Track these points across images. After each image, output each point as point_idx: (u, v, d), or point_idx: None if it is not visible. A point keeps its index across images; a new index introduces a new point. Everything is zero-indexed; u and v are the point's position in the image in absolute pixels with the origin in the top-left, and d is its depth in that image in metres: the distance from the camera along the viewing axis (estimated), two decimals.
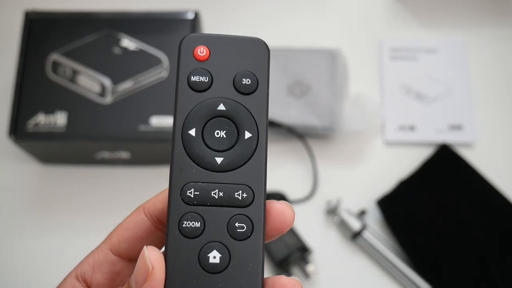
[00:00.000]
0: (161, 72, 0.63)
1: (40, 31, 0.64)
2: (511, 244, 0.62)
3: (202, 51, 0.29)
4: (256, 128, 0.28)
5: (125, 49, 0.63)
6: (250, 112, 0.28)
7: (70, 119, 0.61)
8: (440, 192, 0.65)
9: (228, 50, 0.29)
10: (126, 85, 0.62)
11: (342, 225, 0.64)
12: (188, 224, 0.27)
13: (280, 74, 0.69)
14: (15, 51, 0.68)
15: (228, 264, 0.27)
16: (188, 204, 0.27)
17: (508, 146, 0.70)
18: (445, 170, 0.66)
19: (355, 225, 0.63)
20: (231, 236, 0.27)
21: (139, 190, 0.67)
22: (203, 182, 0.27)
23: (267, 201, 0.28)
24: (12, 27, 0.72)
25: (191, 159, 0.28)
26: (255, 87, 0.29)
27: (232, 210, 0.27)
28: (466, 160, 0.66)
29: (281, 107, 0.68)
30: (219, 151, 0.28)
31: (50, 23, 0.65)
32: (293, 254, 0.61)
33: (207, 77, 0.28)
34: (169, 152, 0.28)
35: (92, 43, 0.64)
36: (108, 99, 0.62)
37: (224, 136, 0.28)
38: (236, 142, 0.28)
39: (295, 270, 0.62)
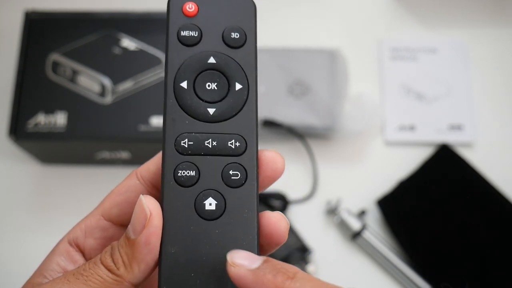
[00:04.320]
0: (161, 72, 0.63)
1: (40, 31, 0.64)
2: (511, 244, 0.62)
3: (190, 7, 0.29)
4: (246, 80, 0.29)
5: (125, 49, 0.63)
6: (240, 65, 0.29)
7: (70, 119, 0.61)
8: (440, 192, 0.65)
9: (216, 6, 0.30)
10: (126, 85, 0.62)
11: (342, 225, 0.64)
12: (183, 173, 0.27)
13: (280, 74, 0.69)
14: (15, 51, 0.68)
15: (224, 211, 0.27)
16: (183, 154, 0.27)
17: (508, 146, 0.70)
18: (445, 170, 0.66)
19: (355, 225, 0.63)
20: (225, 183, 0.27)
21: None
22: (196, 133, 0.28)
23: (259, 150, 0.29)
24: (12, 27, 0.72)
25: (183, 110, 0.28)
26: (243, 41, 0.29)
27: (226, 158, 0.28)
28: (466, 160, 0.66)
29: (281, 107, 0.68)
30: (211, 103, 0.28)
31: (50, 23, 0.65)
32: (293, 254, 0.61)
33: (197, 32, 0.29)
34: None
35: (92, 43, 0.64)
36: (108, 99, 0.62)
37: (215, 88, 0.29)
38: (227, 94, 0.29)
39: None
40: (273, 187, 0.66)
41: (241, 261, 0.25)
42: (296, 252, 0.61)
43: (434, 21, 0.77)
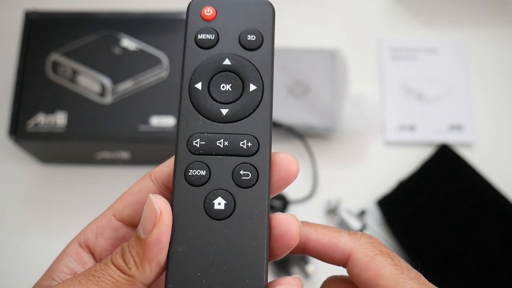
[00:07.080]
0: (161, 72, 0.63)
1: (40, 31, 0.64)
2: (511, 244, 0.62)
3: (208, 11, 0.30)
4: (261, 81, 0.29)
5: (125, 49, 0.63)
6: (255, 66, 0.29)
7: (70, 119, 0.61)
8: (440, 192, 0.65)
9: (234, 10, 0.30)
10: (126, 85, 0.62)
11: (342, 225, 0.64)
12: (194, 172, 0.27)
13: (280, 74, 0.69)
14: (15, 51, 0.68)
15: (233, 211, 0.27)
16: (194, 154, 0.28)
17: (508, 146, 0.70)
18: (445, 170, 0.66)
19: (355, 225, 0.63)
20: (236, 183, 0.27)
21: None
22: (208, 133, 0.28)
23: (272, 152, 0.28)
24: (12, 27, 0.72)
25: (197, 111, 0.28)
26: (260, 43, 0.29)
27: (237, 159, 0.28)
28: (466, 160, 0.66)
29: (281, 107, 0.68)
30: (225, 103, 0.29)
31: (50, 23, 0.65)
32: (293, 254, 0.61)
33: (214, 35, 0.29)
34: (169, 152, 0.28)
35: (92, 43, 0.64)
36: (108, 99, 0.62)
37: (230, 89, 0.29)
38: (241, 95, 0.29)
39: (295, 270, 0.62)
40: None
41: None
42: None
43: (434, 21, 0.77)
